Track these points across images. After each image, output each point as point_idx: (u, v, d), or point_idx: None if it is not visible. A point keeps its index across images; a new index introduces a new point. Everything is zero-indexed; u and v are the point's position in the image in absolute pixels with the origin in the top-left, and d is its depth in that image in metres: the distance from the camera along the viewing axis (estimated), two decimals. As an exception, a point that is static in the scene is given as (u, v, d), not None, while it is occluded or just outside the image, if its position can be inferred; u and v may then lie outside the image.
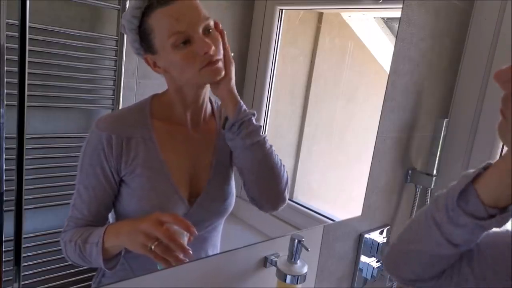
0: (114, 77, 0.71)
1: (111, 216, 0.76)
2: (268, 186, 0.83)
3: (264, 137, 0.79)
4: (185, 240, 0.68)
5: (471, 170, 0.57)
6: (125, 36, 0.70)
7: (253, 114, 0.78)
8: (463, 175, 0.58)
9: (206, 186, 0.80)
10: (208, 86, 0.78)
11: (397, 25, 1.17)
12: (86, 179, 0.70)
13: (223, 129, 0.78)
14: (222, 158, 0.83)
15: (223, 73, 0.73)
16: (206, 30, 0.70)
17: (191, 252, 0.67)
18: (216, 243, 0.88)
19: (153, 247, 0.65)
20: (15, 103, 0.59)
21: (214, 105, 0.83)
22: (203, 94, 0.78)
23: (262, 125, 0.80)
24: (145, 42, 0.69)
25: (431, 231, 0.60)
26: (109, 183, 0.71)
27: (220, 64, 0.73)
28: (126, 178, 0.72)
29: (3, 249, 0.61)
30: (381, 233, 1.36)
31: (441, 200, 0.59)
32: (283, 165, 0.83)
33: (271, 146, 0.81)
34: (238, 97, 0.77)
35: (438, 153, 1.38)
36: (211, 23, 0.71)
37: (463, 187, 0.56)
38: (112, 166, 0.70)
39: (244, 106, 0.77)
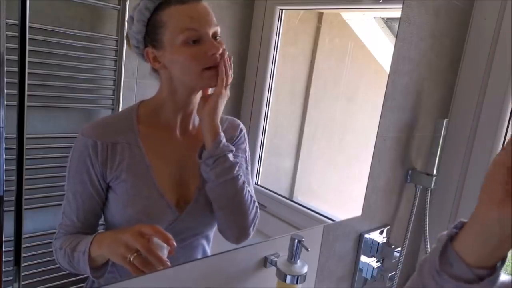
0: (114, 77, 0.71)
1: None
2: (234, 222, 0.84)
3: (238, 174, 0.79)
4: (165, 253, 0.68)
5: (446, 232, 0.52)
6: (127, 28, 0.70)
7: (231, 151, 0.77)
8: (439, 237, 0.53)
9: (195, 193, 0.79)
10: (200, 93, 0.77)
11: (397, 25, 1.17)
12: (74, 186, 0.70)
13: (199, 159, 0.77)
14: None
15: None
16: (214, 36, 0.72)
17: (169, 265, 0.68)
18: (207, 252, 0.87)
19: (132, 258, 0.65)
20: (15, 103, 0.59)
21: None
22: (195, 99, 0.77)
23: (237, 161, 0.79)
24: (150, 36, 0.70)
25: None
26: (96, 190, 0.71)
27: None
28: (112, 184, 0.72)
29: (3, 249, 0.61)
30: (381, 233, 1.36)
31: (426, 266, 0.54)
32: (254, 201, 0.83)
33: (244, 182, 0.80)
34: (219, 128, 0.76)
35: (438, 153, 1.38)
36: (219, 30, 0.73)
37: (440, 249, 0.50)
38: (98, 172, 0.70)
39: (224, 140, 0.77)
